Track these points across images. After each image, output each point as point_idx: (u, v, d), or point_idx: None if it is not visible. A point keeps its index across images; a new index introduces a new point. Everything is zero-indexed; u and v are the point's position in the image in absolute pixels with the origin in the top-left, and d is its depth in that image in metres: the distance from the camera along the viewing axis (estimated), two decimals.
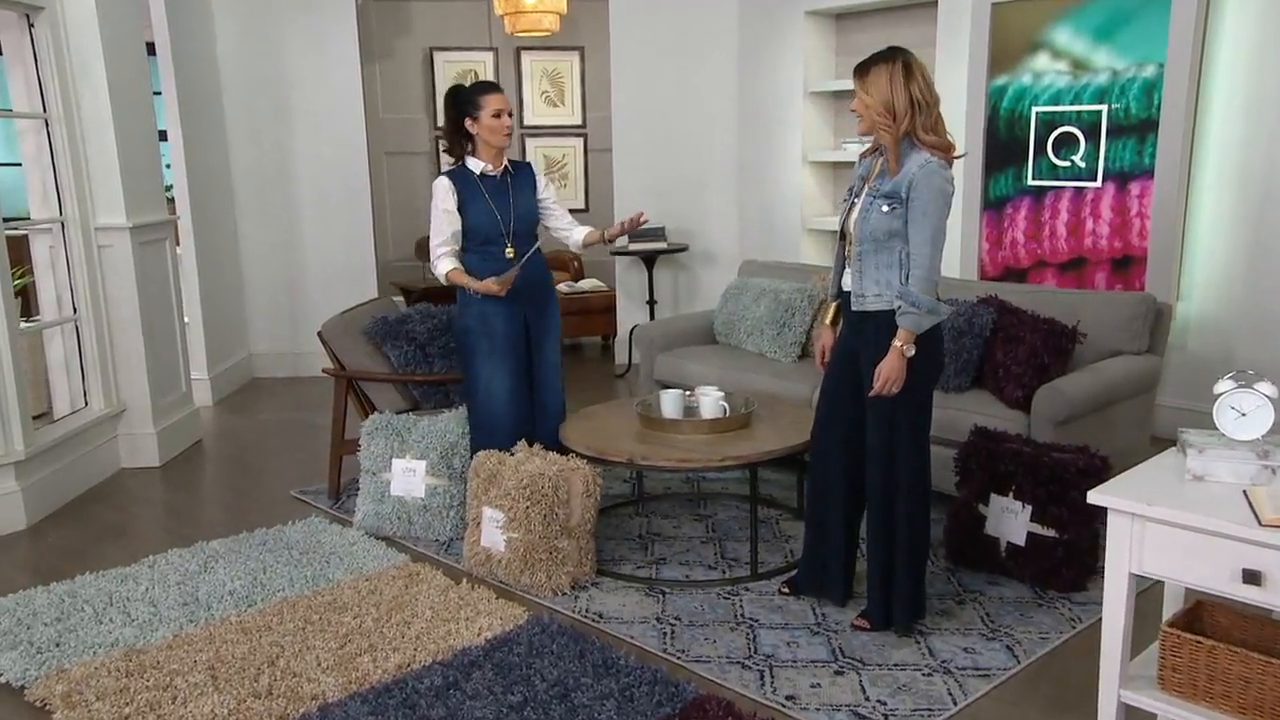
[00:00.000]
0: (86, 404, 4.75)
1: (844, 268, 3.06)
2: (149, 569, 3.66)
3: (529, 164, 3.95)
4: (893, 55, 2.85)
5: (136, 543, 4.00)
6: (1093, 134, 4.82)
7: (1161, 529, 2.05)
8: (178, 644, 3.07)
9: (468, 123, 3.70)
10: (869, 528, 3.09)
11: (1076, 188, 4.92)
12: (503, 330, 3.77)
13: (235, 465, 5.04)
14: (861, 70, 2.88)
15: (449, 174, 3.76)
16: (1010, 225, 5.18)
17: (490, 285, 3.63)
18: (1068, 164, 4.93)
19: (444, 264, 3.74)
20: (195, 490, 4.72)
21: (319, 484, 4.58)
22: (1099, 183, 4.84)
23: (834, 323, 3.22)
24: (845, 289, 3.04)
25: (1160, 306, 4.05)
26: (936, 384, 3.08)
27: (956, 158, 2.89)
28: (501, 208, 3.74)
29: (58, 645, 3.10)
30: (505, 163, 3.80)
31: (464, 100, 3.69)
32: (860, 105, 2.89)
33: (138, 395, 4.88)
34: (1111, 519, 2.14)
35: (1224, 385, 2.21)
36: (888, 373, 2.87)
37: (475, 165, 3.76)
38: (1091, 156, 4.84)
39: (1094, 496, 2.15)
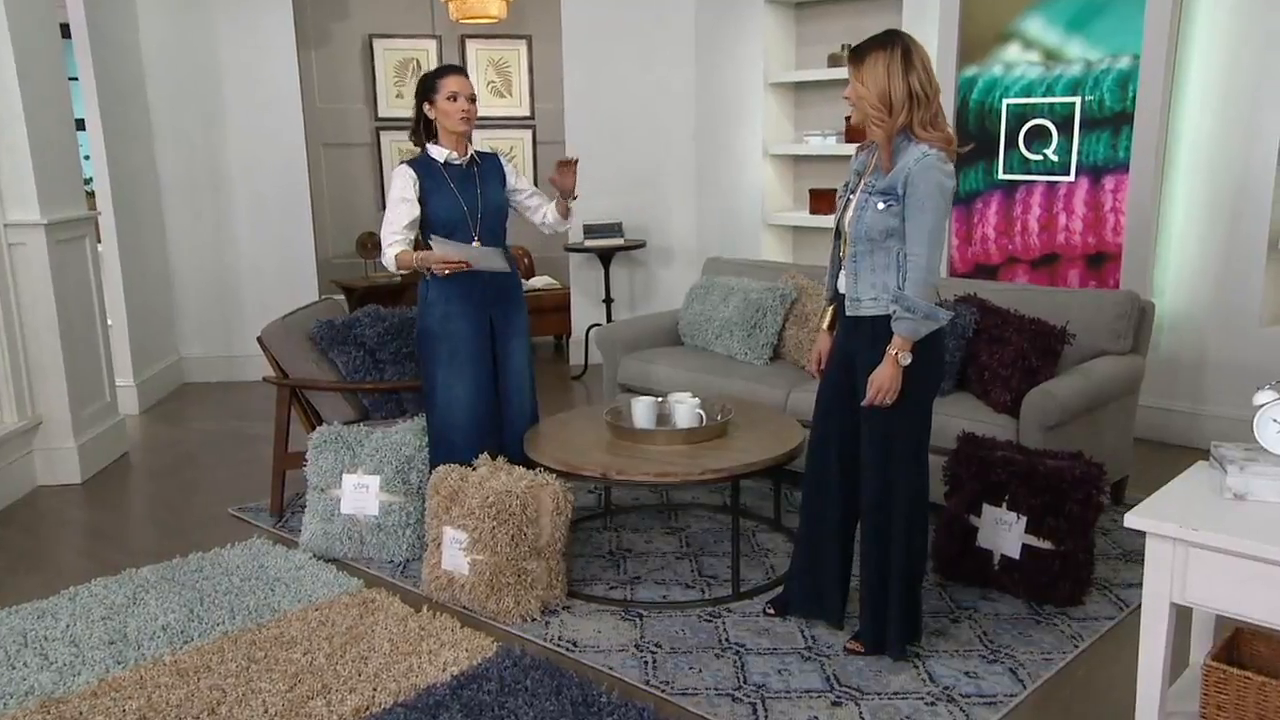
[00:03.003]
0: None
1: (839, 269, 2.86)
2: (70, 602, 3.30)
3: (495, 154, 3.67)
4: (891, 40, 2.62)
5: (55, 572, 3.64)
6: (1065, 127, 4.70)
7: (1207, 555, 1.88)
8: (103, 690, 2.75)
9: (426, 107, 3.44)
10: (862, 545, 2.89)
11: (1049, 182, 4.79)
12: (465, 332, 3.49)
13: (166, 481, 4.67)
14: (856, 56, 2.65)
15: (410, 162, 3.49)
16: (980, 221, 5.04)
17: (442, 254, 3.31)
18: (1040, 157, 4.80)
19: (392, 251, 3.44)
20: (122, 510, 4.34)
21: (260, 500, 4.24)
22: (1072, 177, 4.72)
23: (830, 327, 3.01)
24: (841, 292, 2.84)
25: (1144, 304, 3.93)
26: (936, 394, 2.89)
27: (958, 151, 2.70)
28: (468, 197, 3.47)
29: None
30: (470, 151, 3.53)
31: (425, 84, 3.44)
32: (853, 94, 2.67)
33: (56, 406, 4.48)
34: (1150, 544, 1.96)
35: (1265, 396, 2.05)
36: (880, 382, 2.67)
37: (438, 153, 3.49)
38: (1064, 150, 4.72)
39: (1131, 519, 1.97)
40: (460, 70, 3.46)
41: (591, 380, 6.35)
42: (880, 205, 2.66)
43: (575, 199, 3.62)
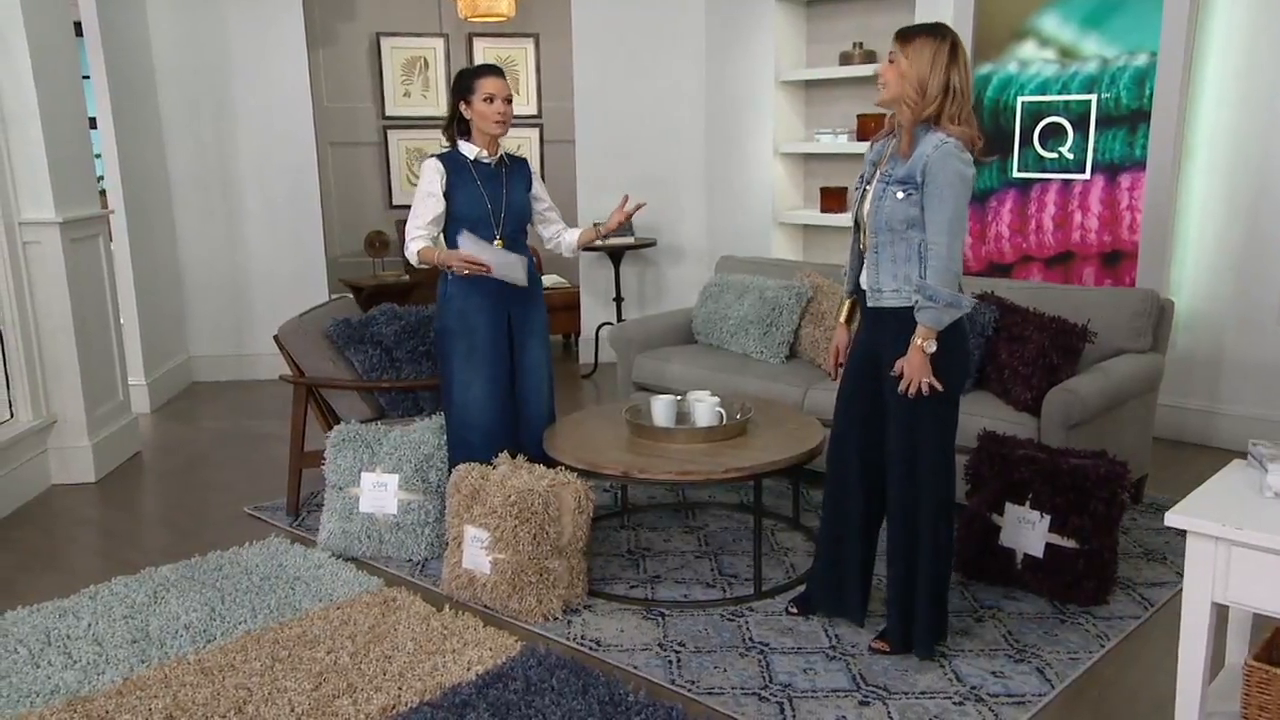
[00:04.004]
0: (12, 415, 4.34)
1: (860, 263, 2.85)
2: (90, 601, 3.29)
3: (525, 159, 3.67)
4: (944, 32, 2.63)
5: (74, 571, 3.63)
6: (1081, 124, 4.69)
7: (1251, 554, 1.87)
8: (129, 689, 2.73)
9: (462, 106, 3.44)
10: (889, 542, 2.88)
11: (1064, 180, 4.79)
12: (483, 330, 3.48)
13: (180, 479, 4.66)
14: (905, 36, 2.64)
15: (439, 156, 3.48)
16: (994, 219, 5.03)
17: (463, 255, 3.31)
18: (1055, 155, 4.79)
19: (415, 245, 3.44)
20: (137, 509, 4.33)
21: (275, 499, 4.23)
22: (1087, 175, 4.71)
23: (849, 320, 3.01)
24: (863, 286, 2.82)
25: (1164, 303, 3.92)
26: (963, 387, 2.87)
27: (980, 155, 2.68)
28: (493, 196, 3.46)
29: None
30: (501, 152, 3.53)
31: (463, 83, 3.44)
32: (892, 72, 2.64)
33: (70, 405, 4.47)
34: (1191, 543, 1.95)
35: None
36: (910, 371, 2.66)
37: (468, 150, 3.48)
38: (1080, 148, 4.71)
39: (1172, 518, 1.96)
40: (497, 71, 3.44)
41: (601, 379, 6.34)
42: (899, 194, 2.65)
43: (605, 237, 3.67)
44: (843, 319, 3.04)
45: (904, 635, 2.88)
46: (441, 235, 3.53)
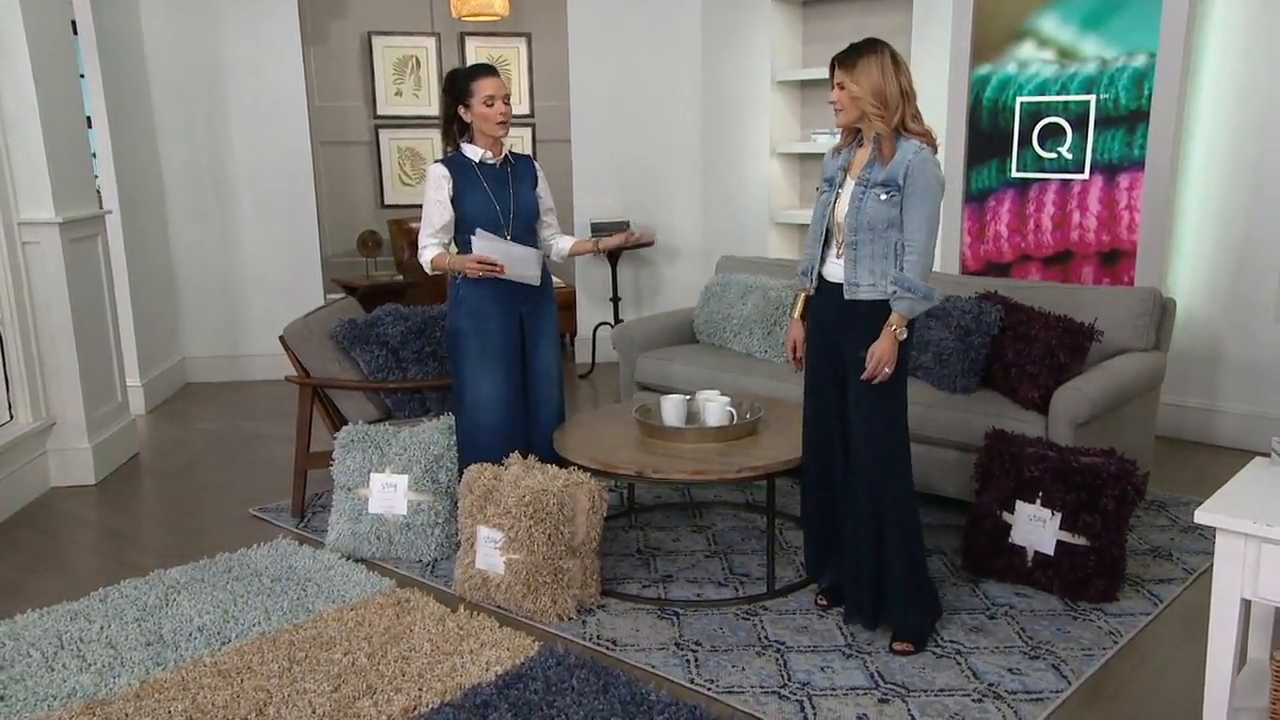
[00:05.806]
0: (11, 417, 4.29)
1: (822, 260, 2.97)
2: (101, 604, 3.26)
3: (529, 157, 3.67)
4: (879, 46, 2.81)
5: (80, 573, 3.59)
6: (1080, 125, 4.73)
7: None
8: (146, 692, 2.71)
9: (462, 110, 3.42)
10: (855, 530, 2.96)
11: (1062, 180, 4.83)
12: (495, 331, 3.47)
13: (181, 481, 4.62)
14: (847, 61, 2.81)
15: (444, 161, 3.46)
16: (993, 218, 5.06)
17: (474, 262, 3.32)
18: (1053, 155, 4.83)
19: (428, 253, 3.44)
20: (140, 510, 4.29)
21: (278, 500, 4.21)
22: (1086, 174, 4.75)
23: (803, 316, 3.12)
24: (833, 281, 2.93)
25: (1166, 301, 3.97)
26: (906, 376, 2.98)
27: (936, 148, 2.85)
28: (501, 198, 3.45)
29: (2, 699, 2.72)
30: (505, 152, 3.52)
31: (458, 86, 3.40)
32: (845, 97, 2.81)
33: (70, 407, 4.42)
34: (1221, 540, 1.98)
35: None
36: (880, 354, 2.80)
37: (473, 153, 3.47)
38: (1078, 148, 4.75)
39: (1201, 515, 1.99)
40: (492, 71, 3.42)
41: (599, 379, 6.34)
42: (882, 196, 2.80)
43: (601, 251, 3.76)
44: (797, 314, 3.15)
45: (872, 610, 2.99)
46: (453, 243, 3.52)
